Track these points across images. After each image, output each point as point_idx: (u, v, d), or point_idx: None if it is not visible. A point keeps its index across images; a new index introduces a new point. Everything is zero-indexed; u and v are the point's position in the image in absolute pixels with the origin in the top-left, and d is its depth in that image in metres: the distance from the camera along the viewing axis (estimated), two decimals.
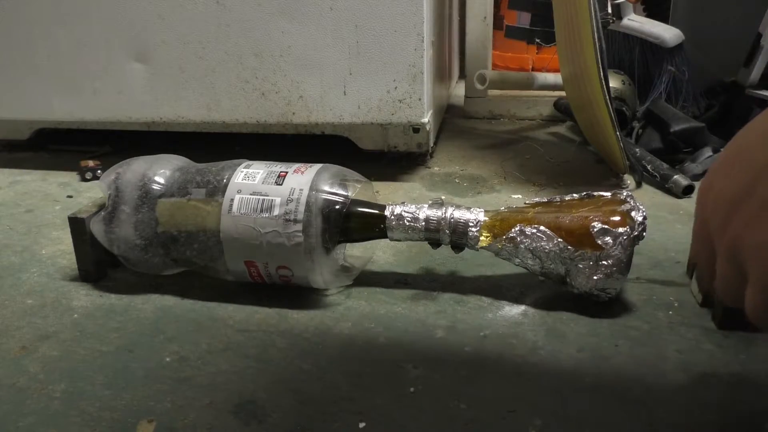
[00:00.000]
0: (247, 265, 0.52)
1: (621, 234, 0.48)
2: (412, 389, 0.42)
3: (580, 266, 0.49)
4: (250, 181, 0.51)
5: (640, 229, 0.48)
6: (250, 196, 0.51)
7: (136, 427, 0.39)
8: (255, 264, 0.51)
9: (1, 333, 0.50)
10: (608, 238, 0.48)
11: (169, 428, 0.39)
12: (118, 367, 0.45)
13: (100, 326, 0.51)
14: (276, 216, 0.50)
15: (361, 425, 0.39)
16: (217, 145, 0.96)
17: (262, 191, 0.51)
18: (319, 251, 0.50)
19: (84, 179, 0.89)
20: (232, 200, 0.51)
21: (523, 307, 0.52)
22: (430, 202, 0.53)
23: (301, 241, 0.49)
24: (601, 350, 0.46)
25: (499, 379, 0.43)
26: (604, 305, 0.51)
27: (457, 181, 0.87)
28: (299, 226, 0.49)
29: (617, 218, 0.48)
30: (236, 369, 0.45)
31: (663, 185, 0.80)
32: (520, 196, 0.80)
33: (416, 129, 0.83)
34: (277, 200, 0.50)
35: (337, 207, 0.51)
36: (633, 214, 0.48)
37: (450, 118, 1.25)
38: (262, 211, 0.50)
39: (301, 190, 0.50)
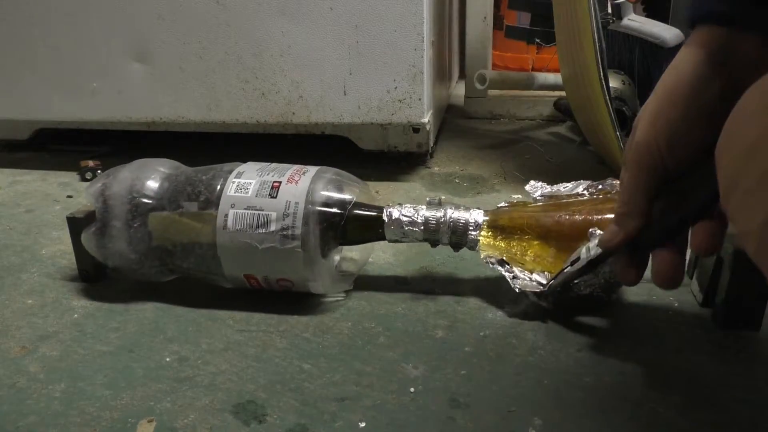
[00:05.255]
0: (246, 278, 0.51)
1: None
2: (412, 389, 0.42)
3: None
4: (243, 194, 0.50)
5: None
6: (244, 211, 0.49)
7: (136, 427, 0.39)
8: (255, 276, 0.51)
9: (1, 333, 0.50)
10: None
11: (169, 428, 0.39)
12: (118, 367, 0.45)
13: (100, 326, 0.51)
14: (273, 231, 0.49)
15: (361, 425, 0.39)
16: (217, 145, 0.96)
17: (256, 205, 0.49)
18: (319, 262, 0.50)
19: (84, 179, 0.89)
20: (226, 216, 0.49)
21: (523, 307, 0.52)
22: (428, 199, 0.53)
23: (300, 255, 0.49)
24: (601, 350, 0.46)
25: (499, 379, 0.43)
26: (604, 305, 0.51)
27: (457, 181, 0.87)
28: (297, 242, 0.49)
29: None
30: (236, 369, 0.45)
31: None
32: (520, 196, 0.80)
33: (416, 129, 0.83)
34: (273, 215, 0.49)
35: (335, 219, 0.50)
36: None
37: (450, 118, 1.25)
38: (258, 227, 0.49)
39: (296, 203, 0.49)
